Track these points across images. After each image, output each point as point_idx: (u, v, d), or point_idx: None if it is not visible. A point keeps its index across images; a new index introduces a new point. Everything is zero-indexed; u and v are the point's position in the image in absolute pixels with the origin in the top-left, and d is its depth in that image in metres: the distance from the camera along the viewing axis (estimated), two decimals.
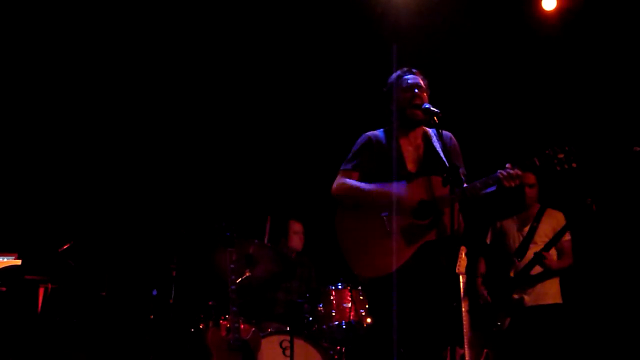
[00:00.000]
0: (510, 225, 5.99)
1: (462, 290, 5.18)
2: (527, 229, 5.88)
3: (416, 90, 4.06)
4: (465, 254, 5.23)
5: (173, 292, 5.83)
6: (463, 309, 5.09)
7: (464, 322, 4.93)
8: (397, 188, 3.93)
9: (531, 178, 5.95)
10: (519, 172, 3.82)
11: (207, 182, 7.17)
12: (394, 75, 4.19)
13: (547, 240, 5.72)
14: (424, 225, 3.88)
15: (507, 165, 3.82)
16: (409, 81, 4.10)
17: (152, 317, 5.91)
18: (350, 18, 6.62)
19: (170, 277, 5.88)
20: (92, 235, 6.51)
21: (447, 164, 3.80)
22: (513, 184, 3.82)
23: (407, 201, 3.89)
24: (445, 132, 4.12)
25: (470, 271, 5.30)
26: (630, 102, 6.52)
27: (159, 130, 7.04)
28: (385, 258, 3.86)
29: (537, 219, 5.89)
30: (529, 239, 5.84)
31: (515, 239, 5.92)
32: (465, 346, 5.01)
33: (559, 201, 6.06)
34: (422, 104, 4.00)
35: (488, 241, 6.11)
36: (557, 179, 5.75)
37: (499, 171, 3.84)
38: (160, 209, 6.95)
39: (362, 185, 4.01)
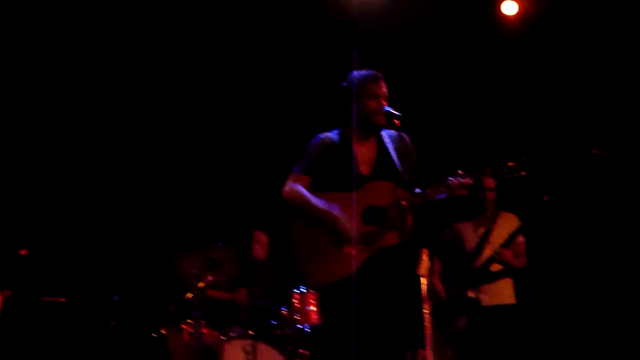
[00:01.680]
0: (467, 227, 6.02)
1: (423, 292, 5.33)
2: (482, 230, 5.93)
3: (383, 102, 4.00)
4: (428, 255, 5.40)
5: (135, 297, 5.85)
6: (425, 311, 5.16)
7: (426, 324, 4.93)
8: (345, 199, 3.86)
9: (491, 182, 5.97)
10: (469, 181, 3.83)
11: (169, 187, 7.11)
12: (359, 75, 4.07)
13: (502, 241, 5.73)
14: (374, 232, 3.84)
15: (459, 172, 3.83)
16: (376, 90, 4.02)
17: (113, 322, 5.89)
18: (310, 22, 6.62)
19: (132, 282, 5.90)
20: (52, 241, 6.46)
21: (399, 167, 3.84)
22: (464, 193, 3.84)
23: (357, 207, 3.86)
24: (396, 132, 4.09)
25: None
26: (589, 105, 6.57)
27: (121, 134, 6.98)
28: (338, 265, 3.80)
29: (493, 221, 5.94)
30: (484, 239, 5.88)
31: (471, 240, 5.95)
32: (428, 348, 4.98)
33: (515, 203, 6.07)
34: (385, 105, 4.00)
35: (443, 241, 6.12)
36: (513, 183, 5.93)
37: (449, 178, 3.83)
38: (122, 214, 6.90)
39: (312, 200, 3.92)
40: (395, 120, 3.86)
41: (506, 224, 5.90)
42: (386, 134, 4.04)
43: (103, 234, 6.81)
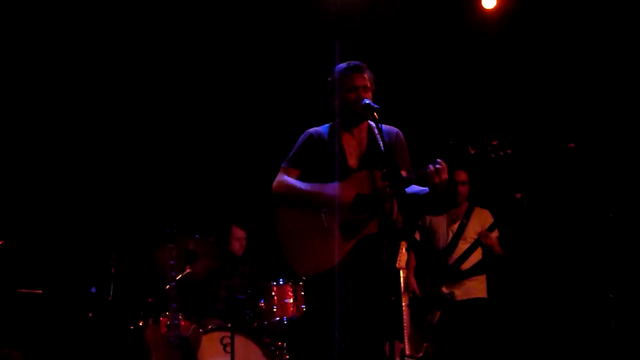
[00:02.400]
0: (440, 222, 6.10)
1: (402, 284, 5.46)
2: (456, 226, 6.02)
3: (362, 93, 3.98)
4: (406, 249, 5.47)
5: (112, 289, 5.79)
6: (403, 304, 5.41)
7: (404, 317, 5.30)
8: (334, 185, 3.91)
9: (463, 175, 6.07)
10: (443, 166, 3.74)
11: (147, 177, 7.09)
12: (340, 67, 4.08)
13: (475, 237, 5.87)
14: (361, 220, 3.85)
15: (438, 160, 3.74)
16: (355, 81, 4.00)
17: (90, 314, 5.86)
18: (291, 13, 6.64)
19: (109, 273, 5.83)
20: (28, 231, 6.40)
21: (385, 159, 3.79)
22: (438, 180, 3.74)
23: (344, 196, 3.87)
24: (390, 128, 4.10)
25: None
26: (566, 98, 6.66)
27: (98, 123, 6.95)
28: (324, 255, 3.84)
29: (467, 216, 6.02)
30: (458, 235, 5.97)
31: (445, 235, 6.04)
32: (405, 340, 5.29)
33: (487, 198, 6.20)
34: (364, 99, 3.96)
35: (417, 236, 6.20)
36: (486, 176, 6.01)
37: (429, 165, 3.76)
38: (99, 204, 6.87)
39: (300, 184, 4.00)
40: (374, 114, 3.81)
41: (480, 219, 6.02)
42: (381, 128, 3.96)
43: (80, 225, 6.76)
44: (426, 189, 3.88)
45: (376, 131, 3.97)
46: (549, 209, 6.42)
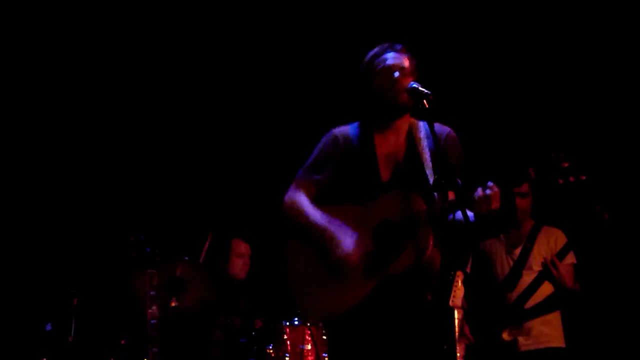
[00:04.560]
0: (497, 247, 5.51)
1: (457, 328, 4.60)
2: (518, 251, 5.40)
3: (397, 74, 3.48)
4: (462, 282, 4.78)
5: (73, 326, 5.34)
6: (458, 354, 4.42)
7: None
8: (352, 210, 3.48)
9: (524, 186, 5.56)
10: (495, 194, 3.32)
11: (121, 182, 6.65)
12: (371, 52, 3.64)
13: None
14: (386, 253, 3.41)
15: (490, 184, 3.33)
16: (388, 62, 3.53)
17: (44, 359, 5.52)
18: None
19: (70, 306, 5.40)
20: None
21: (427, 173, 3.45)
22: (486, 209, 3.36)
23: (368, 222, 3.46)
24: (442, 127, 3.60)
25: None
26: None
27: (64, 127, 6.55)
28: (338, 296, 3.45)
29: (531, 239, 5.39)
30: (521, 263, 5.35)
31: (504, 264, 5.43)
32: None
33: (556, 215, 5.68)
34: (411, 82, 3.45)
35: (468, 269, 5.41)
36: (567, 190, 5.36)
37: (479, 189, 3.35)
38: (59, 217, 6.42)
39: (310, 213, 3.54)
40: (424, 102, 3.27)
41: (549, 242, 5.40)
42: (423, 126, 3.62)
43: (33, 242, 6.29)
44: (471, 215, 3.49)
45: (422, 131, 3.59)
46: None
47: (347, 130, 3.70)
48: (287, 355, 5.30)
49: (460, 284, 4.72)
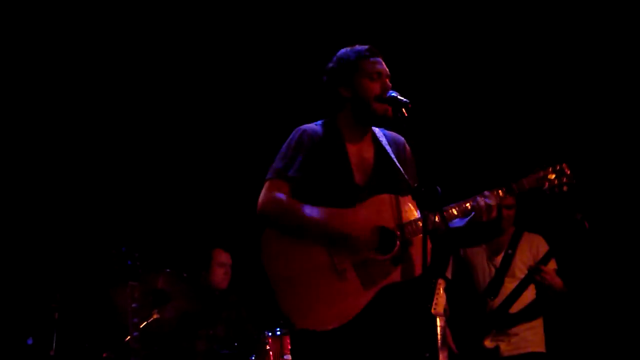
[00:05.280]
0: (478, 254, 5.49)
1: (439, 336, 4.88)
2: (500, 258, 5.37)
3: (388, 81, 3.48)
4: (444, 289, 4.86)
5: (54, 340, 5.27)
6: None
7: None
8: (346, 212, 3.38)
9: (509, 198, 5.38)
10: (493, 203, 3.44)
11: (101, 193, 6.54)
12: (351, 51, 3.55)
13: (526, 271, 5.24)
14: (383, 262, 3.32)
15: (486, 193, 3.43)
16: (378, 66, 3.49)
17: None
18: None
19: (52, 320, 5.33)
20: None
21: (406, 176, 3.39)
22: (492, 218, 3.47)
23: (360, 229, 3.34)
24: (394, 134, 3.64)
25: None
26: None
27: (46, 138, 6.47)
28: (333, 306, 3.30)
29: (513, 246, 5.38)
30: (503, 270, 5.32)
31: (486, 271, 5.41)
32: None
33: (537, 221, 5.68)
34: (389, 90, 3.46)
35: (449, 274, 5.63)
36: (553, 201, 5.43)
37: (477, 197, 3.42)
38: (40, 231, 6.33)
39: (299, 206, 3.42)
40: (402, 110, 3.29)
41: (531, 248, 5.41)
42: (381, 133, 3.61)
43: (12, 255, 6.19)
44: (460, 221, 3.53)
45: (382, 137, 3.56)
46: (619, 232, 5.98)
47: (314, 127, 3.61)
48: None
49: (442, 291, 4.80)
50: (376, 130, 3.61)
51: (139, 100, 6.69)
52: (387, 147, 3.54)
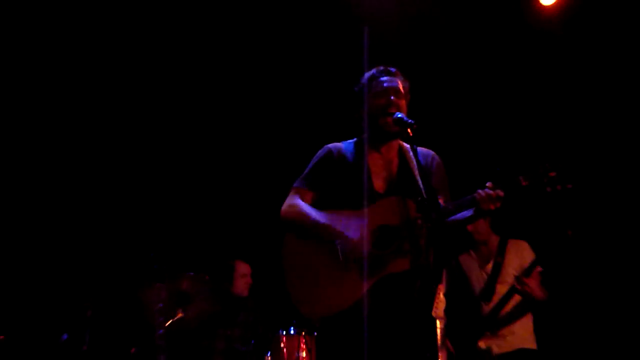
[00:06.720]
0: (471, 263, 5.68)
1: (439, 337, 4.90)
2: (490, 265, 5.55)
3: (392, 97, 3.66)
4: (444, 295, 4.92)
5: (87, 337, 5.44)
6: None
7: None
8: (355, 212, 3.61)
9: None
10: (500, 194, 3.49)
11: (131, 202, 6.72)
12: (367, 74, 3.79)
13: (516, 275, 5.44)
14: (384, 256, 3.53)
15: (488, 184, 3.50)
16: (385, 84, 3.70)
17: None
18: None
19: (85, 318, 5.49)
20: None
21: (420, 185, 3.46)
22: (492, 207, 3.52)
23: (366, 226, 3.56)
24: (425, 150, 3.80)
25: None
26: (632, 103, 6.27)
27: (73, 139, 6.63)
28: (336, 294, 3.53)
29: (501, 253, 5.55)
30: (494, 277, 5.49)
31: (479, 278, 5.59)
32: None
33: (520, 229, 5.80)
34: (396, 112, 3.64)
35: (443, 282, 5.65)
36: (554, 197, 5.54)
37: (478, 190, 3.51)
38: (73, 234, 6.50)
39: (314, 212, 3.67)
40: (408, 130, 3.47)
41: (518, 255, 5.56)
42: (410, 147, 3.74)
43: (50, 259, 6.39)
44: (464, 214, 3.63)
45: (409, 152, 3.73)
46: (603, 242, 6.09)
47: (340, 145, 3.82)
48: None
49: (442, 295, 4.88)
50: (405, 145, 3.79)
51: (177, 117, 6.82)
52: (413, 160, 3.62)
